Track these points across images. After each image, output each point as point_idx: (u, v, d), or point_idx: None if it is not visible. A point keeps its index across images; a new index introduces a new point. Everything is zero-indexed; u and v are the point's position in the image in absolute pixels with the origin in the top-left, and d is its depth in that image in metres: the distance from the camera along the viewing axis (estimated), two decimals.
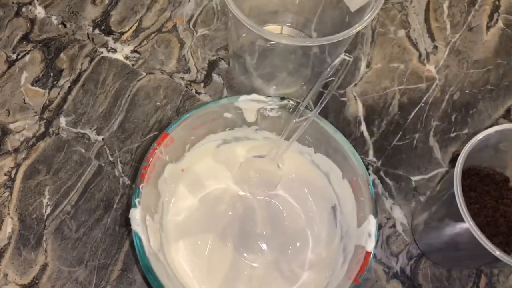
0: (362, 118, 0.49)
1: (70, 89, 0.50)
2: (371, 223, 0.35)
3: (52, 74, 0.51)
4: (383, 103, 0.50)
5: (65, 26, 0.54)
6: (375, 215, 0.36)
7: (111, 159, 0.47)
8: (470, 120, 0.50)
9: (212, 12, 0.55)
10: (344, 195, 0.40)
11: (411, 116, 0.50)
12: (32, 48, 0.52)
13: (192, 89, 0.51)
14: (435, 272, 0.43)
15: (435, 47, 0.53)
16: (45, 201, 0.45)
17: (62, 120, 0.49)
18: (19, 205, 0.45)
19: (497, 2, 0.56)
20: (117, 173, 0.46)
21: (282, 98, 0.39)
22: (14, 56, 0.52)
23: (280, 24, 0.51)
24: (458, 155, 0.36)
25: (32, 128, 0.48)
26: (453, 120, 0.50)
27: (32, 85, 0.51)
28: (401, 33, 0.54)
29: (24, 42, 0.53)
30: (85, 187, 0.46)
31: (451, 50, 0.53)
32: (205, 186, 0.43)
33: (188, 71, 0.51)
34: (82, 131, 0.48)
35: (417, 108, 0.50)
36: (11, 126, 0.48)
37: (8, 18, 0.54)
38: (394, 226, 0.45)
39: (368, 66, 0.52)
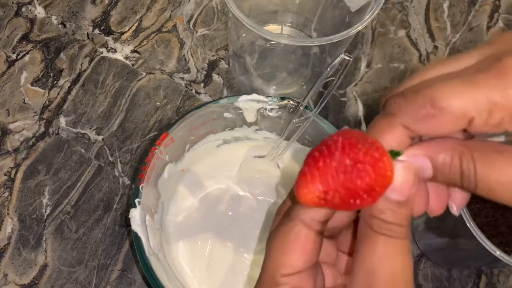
0: (362, 118, 0.49)
1: (70, 89, 0.50)
2: None
3: (52, 74, 0.51)
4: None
5: (65, 26, 0.54)
6: None
7: (111, 159, 0.47)
8: None
9: (212, 12, 0.55)
10: None
11: None
12: (32, 48, 0.52)
13: (192, 89, 0.51)
14: (435, 272, 0.43)
15: (435, 47, 0.53)
16: (45, 201, 0.45)
17: (62, 120, 0.49)
18: (19, 205, 0.45)
19: (497, 2, 0.56)
20: (117, 173, 0.46)
21: (282, 98, 0.39)
22: (14, 56, 0.52)
23: (280, 24, 0.51)
24: None
25: (32, 128, 0.48)
26: None
27: (32, 85, 0.50)
28: (401, 33, 0.54)
29: (24, 42, 0.53)
30: (85, 187, 0.46)
31: (452, 50, 0.53)
32: (205, 186, 0.43)
33: (188, 71, 0.51)
34: (82, 131, 0.48)
35: None
36: (11, 126, 0.48)
37: (8, 18, 0.54)
38: None
39: (368, 66, 0.52)
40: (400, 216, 0.20)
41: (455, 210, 0.22)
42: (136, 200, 0.36)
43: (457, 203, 0.23)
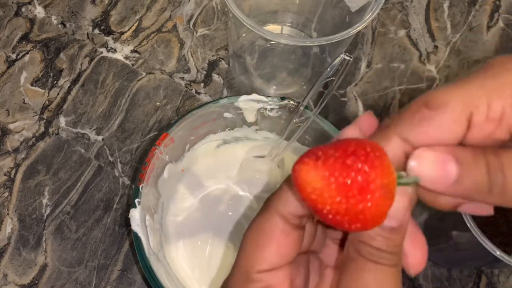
0: None
1: (69, 89, 0.50)
2: None
3: (51, 74, 0.51)
4: (383, 103, 0.50)
5: (64, 26, 0.54)
6: None
7: (111, 159, 0.47)
8: None
9: (212, 12, 0.55)
10: None
11: None
12: (31, 48, 0.52)
13: (192, 89, 0.51)
14: (435, 272, 0.43)
15: (436, 47, 0.53)
16: (44, 201, 0.45)
17: (62, 120, 0.49)
18: (19, 205, 0.45)
19: (497, 2, 0.56)
20: (117, 173, 0.46)
21: (282, 98, 0.39)
22: (13, 56, 0.52)
23: (280, 24, 0.51)
24: None
25: (32, 128, 0.48)
26: None
27: (32, 85, 0.50)
28: (402, 33, 0.54)
29: (24, 42, 0.53)
30: (85, 187, 0.46)
31: (452, 50, 0.53)
32: (205, 186, 0.43)
33: (188, 71, 0.51)
34: (82, 131, 0.48)
35: None
36: (11, 126, 0.48)
37: (7, 18, 0.54)
38: None
39: (368, 66, 0.52)
40: (392, 243, 0.18)
41: (411, 272, 0.20)
42: (136, 200, 0.36)
43: (415, 262, 0.20)
